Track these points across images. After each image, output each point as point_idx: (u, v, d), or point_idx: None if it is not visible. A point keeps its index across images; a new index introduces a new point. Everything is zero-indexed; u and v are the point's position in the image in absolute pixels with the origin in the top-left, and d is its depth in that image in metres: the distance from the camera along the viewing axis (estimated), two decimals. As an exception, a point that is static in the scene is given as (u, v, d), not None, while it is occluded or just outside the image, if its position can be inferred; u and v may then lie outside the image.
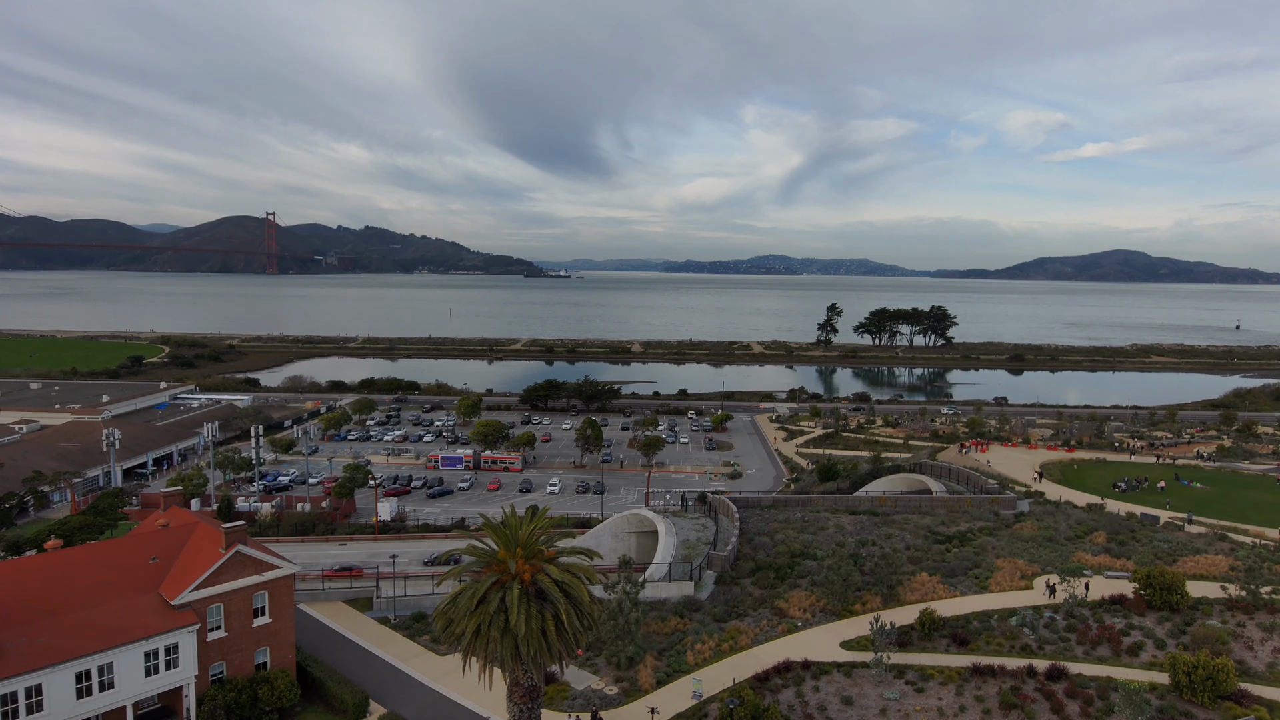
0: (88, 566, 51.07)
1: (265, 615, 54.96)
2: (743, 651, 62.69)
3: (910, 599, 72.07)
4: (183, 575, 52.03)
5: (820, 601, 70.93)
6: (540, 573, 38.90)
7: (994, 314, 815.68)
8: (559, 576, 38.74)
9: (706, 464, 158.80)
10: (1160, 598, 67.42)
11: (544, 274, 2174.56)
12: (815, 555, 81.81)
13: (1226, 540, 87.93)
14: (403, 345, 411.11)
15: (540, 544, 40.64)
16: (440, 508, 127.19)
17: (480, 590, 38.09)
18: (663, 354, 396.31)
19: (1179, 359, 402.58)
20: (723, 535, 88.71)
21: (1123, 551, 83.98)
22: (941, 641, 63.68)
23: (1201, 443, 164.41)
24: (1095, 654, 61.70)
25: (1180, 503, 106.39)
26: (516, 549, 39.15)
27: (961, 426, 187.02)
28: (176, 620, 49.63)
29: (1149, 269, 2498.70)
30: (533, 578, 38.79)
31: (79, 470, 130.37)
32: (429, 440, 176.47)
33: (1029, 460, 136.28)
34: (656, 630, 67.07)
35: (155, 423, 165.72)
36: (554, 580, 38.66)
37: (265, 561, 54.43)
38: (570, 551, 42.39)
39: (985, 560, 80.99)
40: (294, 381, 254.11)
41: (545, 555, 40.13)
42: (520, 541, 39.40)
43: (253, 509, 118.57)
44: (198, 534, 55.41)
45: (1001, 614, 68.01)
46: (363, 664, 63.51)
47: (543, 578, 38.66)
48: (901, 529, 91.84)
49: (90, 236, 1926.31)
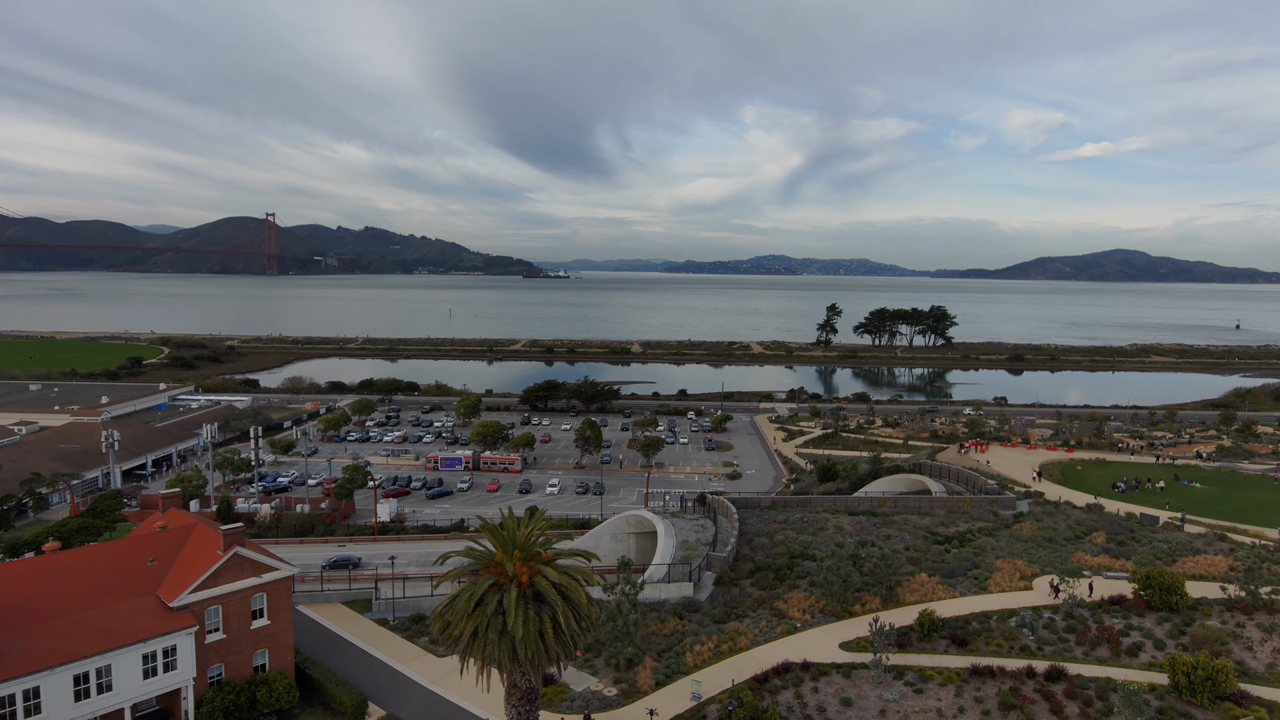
0: (85, 569, 51.02)
1: (264, 617, 54.91)
2: (742, 653, 62.62)
3: (910, 600, 72.00)
4: (181, 577, 51.98)
5: (819, 603, 70.86)
6: (538, 575, 38.78)
7: (993, 314, 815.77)
8: (556, 579, 38.61)
9: (706, 464, 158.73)
10: (1160, 598, 67.36)
11: (543, 274, 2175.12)
12: (814, 556, 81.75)
13: (1226, 540, 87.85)
14: (402, 346, 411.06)
15: (538, 546, 40.54)
16: (440, 509, 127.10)
17: (478, 592, 38.00)
18: (662, 354, 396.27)
19: (1179, 359, 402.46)
20: (722, 536, 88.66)
21: (1122, 552, 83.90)
22: (941, 642, 63.62)
23: (1201, 443, 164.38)
24: (1095, 655, 61.65)
25: (1179, 503, 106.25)
26: (514, 551, 39.07)
27: (961, 427, 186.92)
28: (174, 622, 49.58)
29: (1149, 269, 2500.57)
30: (530, 580, 38.67)
31: (78, 472, 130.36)
32: (428, 441, 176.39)
33: (1029, 460, 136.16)
34: (656, 631, 67.01)
35: (154, 424, 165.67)
36: (551, 582, 38.53)
37: (263, 563, 54.38)
38: (568, 554, 42.29)
39: (985, 561, 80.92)
40: (293, 382, 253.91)
41: (543, 557, 40.02)
42: (518, 544, 39.31)
43: (252, 510, 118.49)
44: (196, 536, 55.36)
45: (1001, 615, 67.94)
46: (361, 666, 63.46)
47: (540, 580, 38.52)
48: (901, 529, 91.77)
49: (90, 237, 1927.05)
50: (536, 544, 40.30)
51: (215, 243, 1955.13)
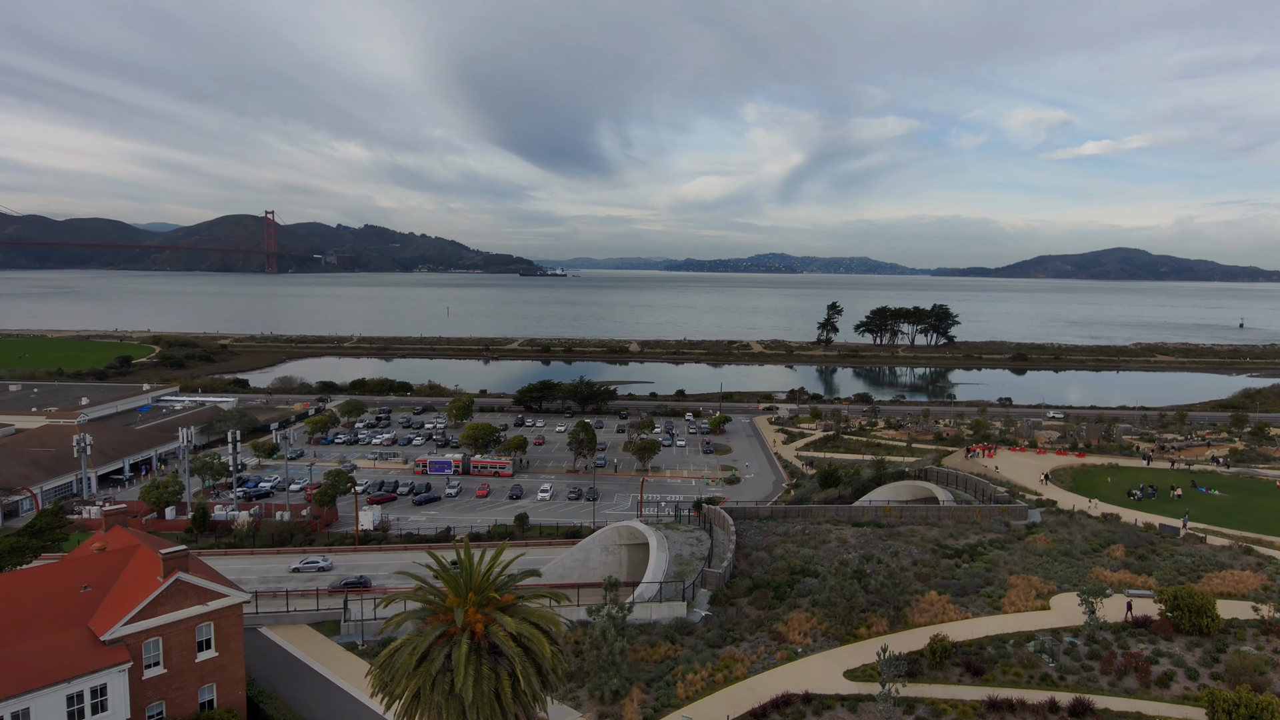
0: (8, 597, 45.99)
1: (211, 648, 49.88)
2: (738, 682, 57.67)
3: (919, 621, 67.02)
4: (116, 606, 46.96)
5: (822, 624, 65.88)
6: (494, 624, 33.55)
7: (995, 312, 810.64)
8: (516, 629, 33.26)
9: (704, 468, 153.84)
10: (1189, 621, 62.35)
11: (540, 273, 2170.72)
12: (816, 572, 76.72)
13: (1252, 554, 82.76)
14: (398, 345, 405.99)
15: (497, 586, 35.30)
16: (426, 515, 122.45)
17: (423, 645, 32.75)
18: (661, 354, 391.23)
19: (1184, 358, 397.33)
20: (718, 550, 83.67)
21: (1143, 567, 78.80)
22: (954, 671, 58.63)
23: (1214, 445, 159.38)
24: (1122, 685, 56.65)
25: (1198, 512, 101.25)
26: (468, 594, 33.87)
27: (965, 429, 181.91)
28: (105, 658, 44.55)
29: (1149, 267, 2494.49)
30: (485, 629, 33.45)
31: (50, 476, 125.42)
32: (418, 444, 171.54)
33: (1038, 465, 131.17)
34: (645, 657, 62.01)
35: (135, 426, 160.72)
36: (510, 633, 33.29)
37: (210, 590, 49.34)
38: (534, 593, 37.06)
39: (997, 577, 75.91)
40: (284, 382, 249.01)
41: (501, 601, 34.78)
42: (473, 585, 34.12)
43: (229, 518, 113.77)
44: (137, 559, 50.30)
45: (1017, 639, 62.93)
46: (324, 697, 58.44)
47: (497, 630, 33.29)
48: (907, 542, 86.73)
49: (89, 235, 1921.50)
50: (496, 583, 35.10)
51: (214, 241, 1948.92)
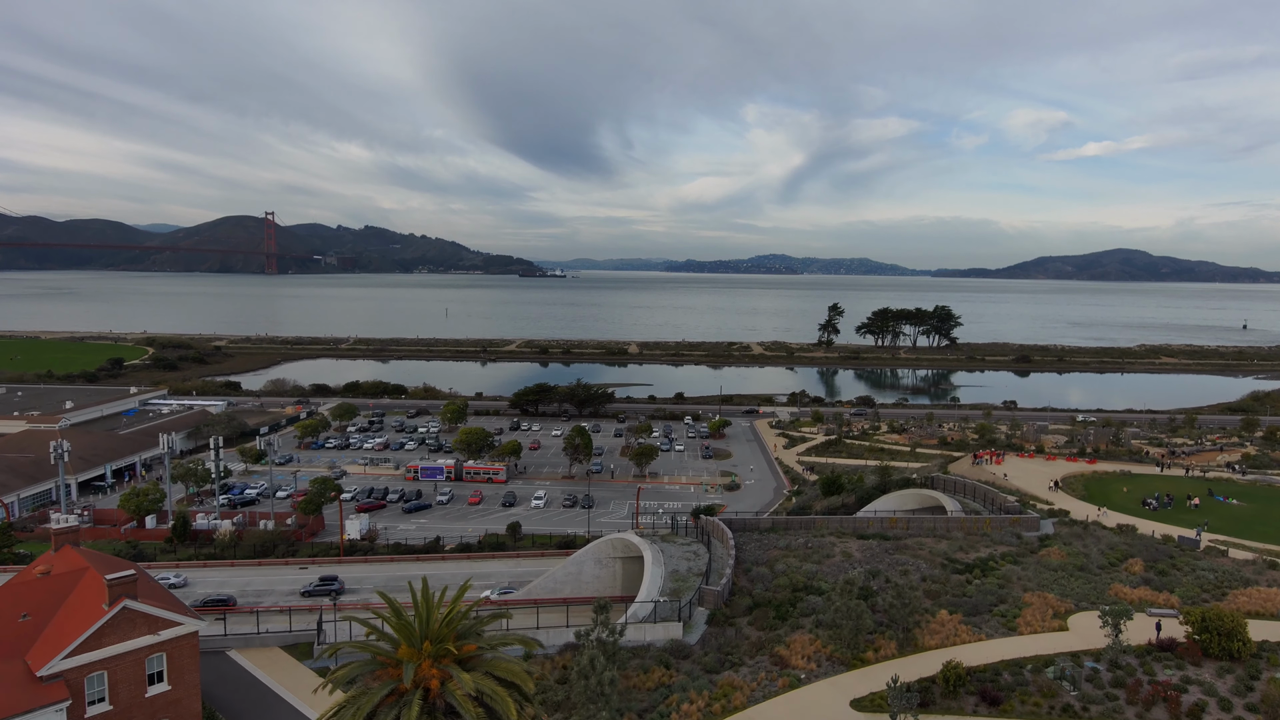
0: (-62, 628, 42.09)
1: (163, 681, 45.90)
2: (736, 713, 53.63)
3: (929, 643, 62.99)
4: (57, 638, 42.98)
5: (826, 648, 61.83)
6: (450, 681, 29.41)
7: (996, 313, 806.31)
8: (476, 688, 29.10)
9: (703, 474, 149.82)
10: (1219, 645, 58.31)
11: (540, 273, 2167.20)
12: (820, 589, 72.72)
13: (1278, 569, 78.78)
14: (395, 346, 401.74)
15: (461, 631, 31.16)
16: (415, 524, 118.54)
17: (367, 705, 28.73)
18: (660, 355, 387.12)
19: (1189, 360, 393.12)
20: (716, 565, 79.64)
21: (1164, 583, 74.73)
22: (969, 700, 54.56)
23: (1226, 450, 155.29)
24: (1150, 716, 52.58)
25: (1217, 522, 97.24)
26: (422, 644, 29.74)
27: (971, 433, 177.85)
28: (41, 696, 40.58)
29: (1150, 268, 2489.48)
30: (442, 686, 29.34)
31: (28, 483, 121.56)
32: (411, 448, 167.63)
33: (1047, 472, 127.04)
34: (637, 684, 58.02)
35: (119, 430, 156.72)
36: (469, 693, 29.13)
37: (161, 618, 45.37)
38: (500, 641, 32.81)
39: (1011, 594, 71.87)
40: (276, 385, 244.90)
41: (462, 651, 30.62)
42: (430, 633, 29.99)
43: (211, 527, 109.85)
44: (84, 584, 46.31)
45: (1035, 663, 58.87)
46: (291, 729, 54.52)
47: (454, 688, 29.12)
48: (915, 555, 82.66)
49: (89, 236, 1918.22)
50: (458, 628, 30.98)
51: (215, 242, 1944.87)
